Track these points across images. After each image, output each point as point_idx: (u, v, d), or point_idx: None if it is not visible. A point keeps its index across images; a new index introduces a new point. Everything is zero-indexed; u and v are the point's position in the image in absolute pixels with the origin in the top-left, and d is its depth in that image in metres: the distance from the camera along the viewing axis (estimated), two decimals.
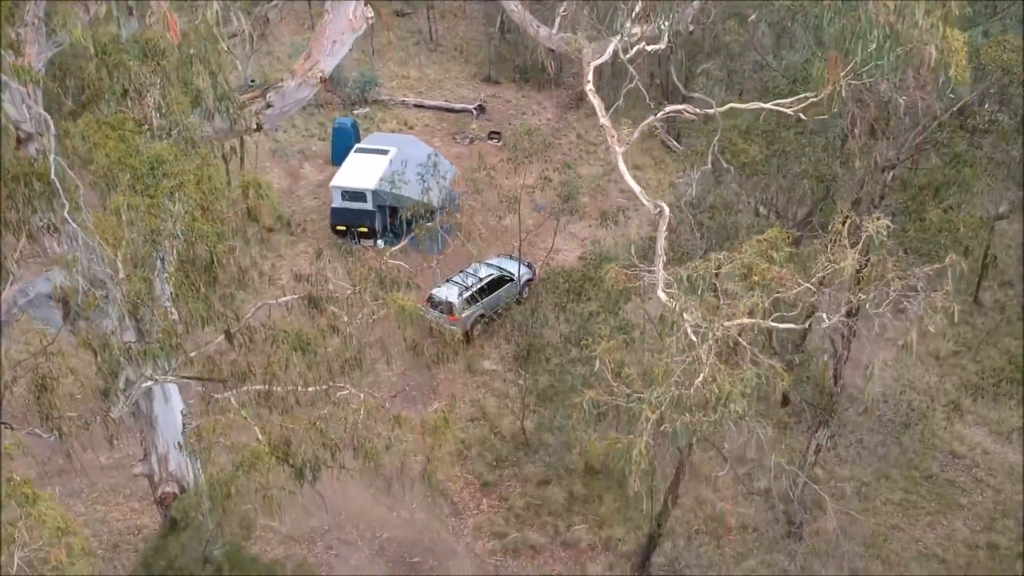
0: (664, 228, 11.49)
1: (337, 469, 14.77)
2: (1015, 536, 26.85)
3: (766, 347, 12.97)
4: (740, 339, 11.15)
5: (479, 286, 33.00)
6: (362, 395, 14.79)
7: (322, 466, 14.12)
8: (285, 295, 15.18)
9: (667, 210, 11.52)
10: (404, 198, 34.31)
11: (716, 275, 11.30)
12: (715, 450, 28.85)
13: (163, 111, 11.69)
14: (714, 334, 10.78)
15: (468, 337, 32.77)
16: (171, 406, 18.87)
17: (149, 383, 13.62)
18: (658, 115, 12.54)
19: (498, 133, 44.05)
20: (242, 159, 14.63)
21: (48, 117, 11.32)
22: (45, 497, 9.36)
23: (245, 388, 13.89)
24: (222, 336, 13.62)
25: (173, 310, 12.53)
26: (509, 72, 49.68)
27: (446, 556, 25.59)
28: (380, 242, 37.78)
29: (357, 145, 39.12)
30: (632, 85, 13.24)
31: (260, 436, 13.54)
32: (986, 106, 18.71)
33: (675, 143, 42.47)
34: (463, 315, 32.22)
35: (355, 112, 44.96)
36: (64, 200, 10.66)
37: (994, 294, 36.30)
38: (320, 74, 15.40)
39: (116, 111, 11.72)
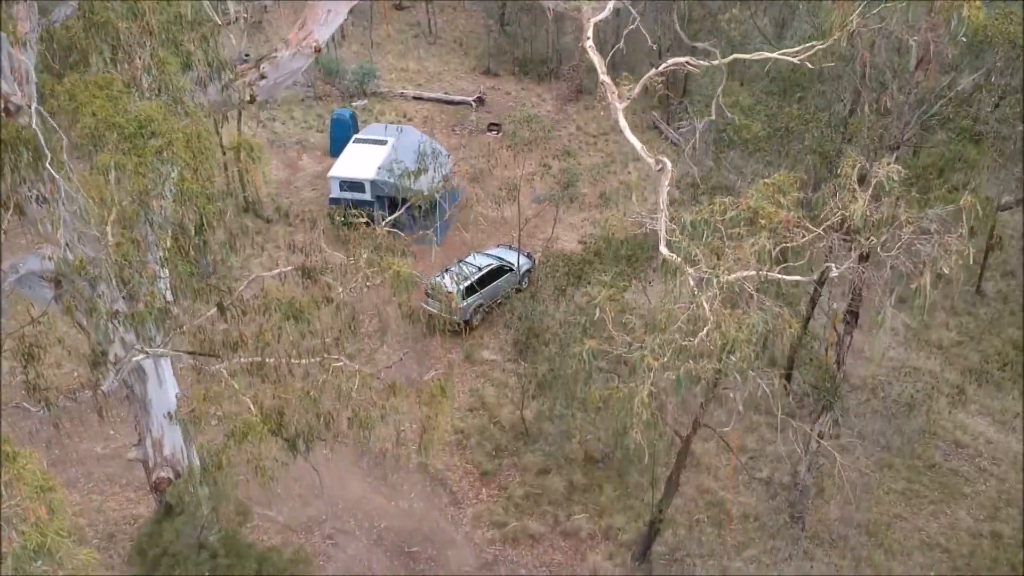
0: (666, 183, 11.16)
1: (331, 441, 14.42)
2: (1018, 525, 26.55)
3: (777, 296, 12.43)
4: (745, 285, 10.73)
5: (478, 276, 32.72)
6: (357, 366, 14.43)
7: (315, 437, 13.77)
8: (279, 267, 14.78)
9: (669, 165, 11.21)
10: (403, 187, 33.97)
11: (721, 220, 10.92)
12: (716, 439, 28.64)
13: (152, 71, 11.37)
14: (718, 280, 10.42)
15: (468, 327, 32.53)
16: (165, 389, 18.59)
17: (139, 357, 13.29)
18: (659, 68, 12.19)
19: (497, 125, 43.81)
20: (239, 124, 14.24)
21: (29, 65, 11.02)
22: (25, 454, 9.10)
23: (237, 358, 13.51)
24: (214, 309, 13.29)
25: (163, 274, 12.18)
26: (509, 65, 49.53)
27: (445, 545, 25.31)
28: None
29: (355, 136, 38.86)
30: (634, 27, 12.91)
31: (252, 407, 13.17)
32: (992, 79, 18.40)
33: (673, 133, 42.20)
34: (462, 305, 31.95)
35: (354, 104, 44.75)
36: (46, 151, 10.32)
37: (996, 284, 36.06)
38: (315, 44, 15.09)
39: (103, 71, 11.42)
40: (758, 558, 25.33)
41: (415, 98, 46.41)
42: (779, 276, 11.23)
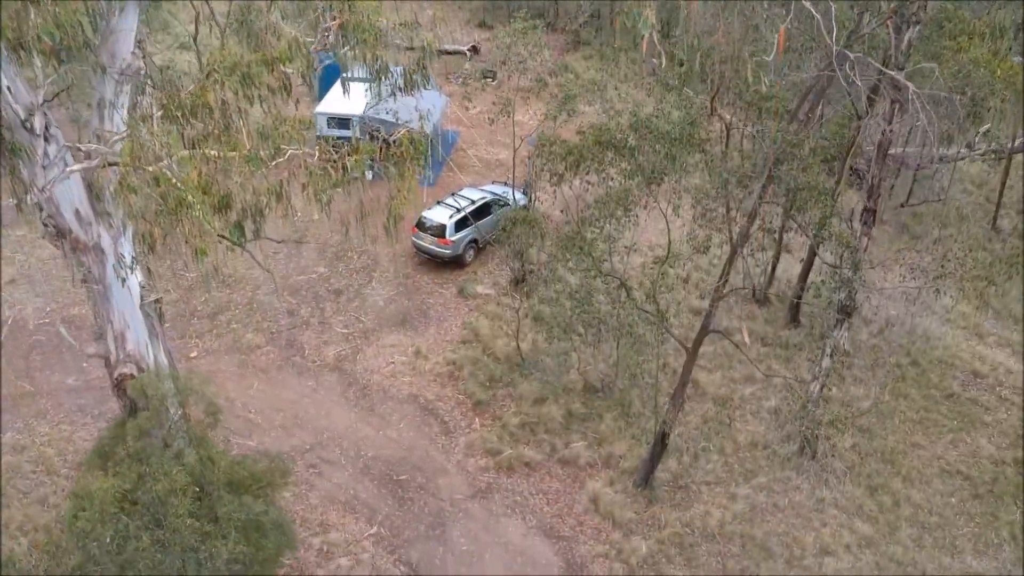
0: None
1: (282, 213, 12.83)
2: None
3: None
4: None
5: (472, 208, 31.29)
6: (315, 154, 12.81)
7: (263, 214, 12.15)
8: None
9: None
10: (392, 124, 32.57)
11: None
12: (721, 371, 27.20)
13: None
14: None
15: (460, 263, 31.14)
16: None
17: (75, 166, 11.73)
18: None
19: (493, 72, 42.47)
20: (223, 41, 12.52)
21: None
22: None
23: (176, 131, 11.80)
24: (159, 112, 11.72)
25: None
26: (504, 17, 48.12)
27: (436, 474, 23.84)
28: (369, 174, 36.06)
29: (343, 75, 37.36)
30: None
31: (177, 165, 11.08)
32: None
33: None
34: (453, 239, 30.56)
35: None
36: None
37: (1012, 220, 34.76)
38: None
39: None
40: (768, 486, 23.87)
41: (407, 48, 44.96)
42: None
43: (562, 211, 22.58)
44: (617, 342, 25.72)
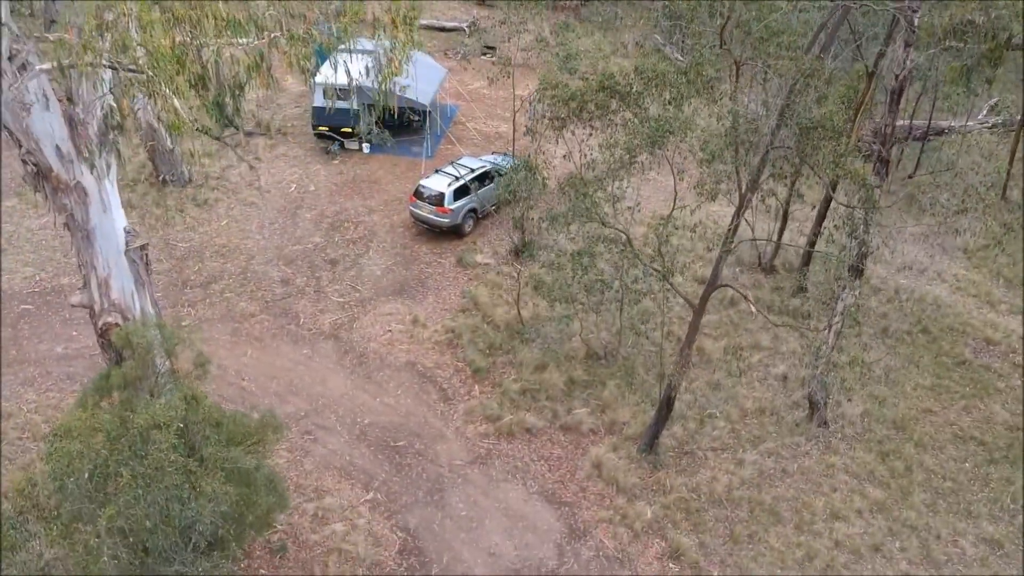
0: None
1: (264, 84, 12.05)
2: None
3: None
4: None
5: (471, 177, 30.59)
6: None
7: (243, 87, 11.37)
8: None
9: None
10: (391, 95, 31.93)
11: None
12: (726, 339, 26.51)
13: None
14: None
15: (459, 233, 30.44)
16: (111, 217, 16.54)
17: (45, 67, 11.01)
18: None
19: (492, 48, 41.90)
20: None
21: None
22: None
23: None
24: None
25: None
26: None
27: (434, 440, 23.15)
28: (365, 146, 35.47)
29: (341, 46, 36.71)
30: None
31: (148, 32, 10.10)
32: None
33: (679, 57, 40.23)
34: (452, 208, 29.86)
35: None
36: None
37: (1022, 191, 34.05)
38: None
39: None
40: (776, 451, 23.18)
41: None
42: None
43: (564, 156, 21.81)
44: (620, 308, 25.09)
